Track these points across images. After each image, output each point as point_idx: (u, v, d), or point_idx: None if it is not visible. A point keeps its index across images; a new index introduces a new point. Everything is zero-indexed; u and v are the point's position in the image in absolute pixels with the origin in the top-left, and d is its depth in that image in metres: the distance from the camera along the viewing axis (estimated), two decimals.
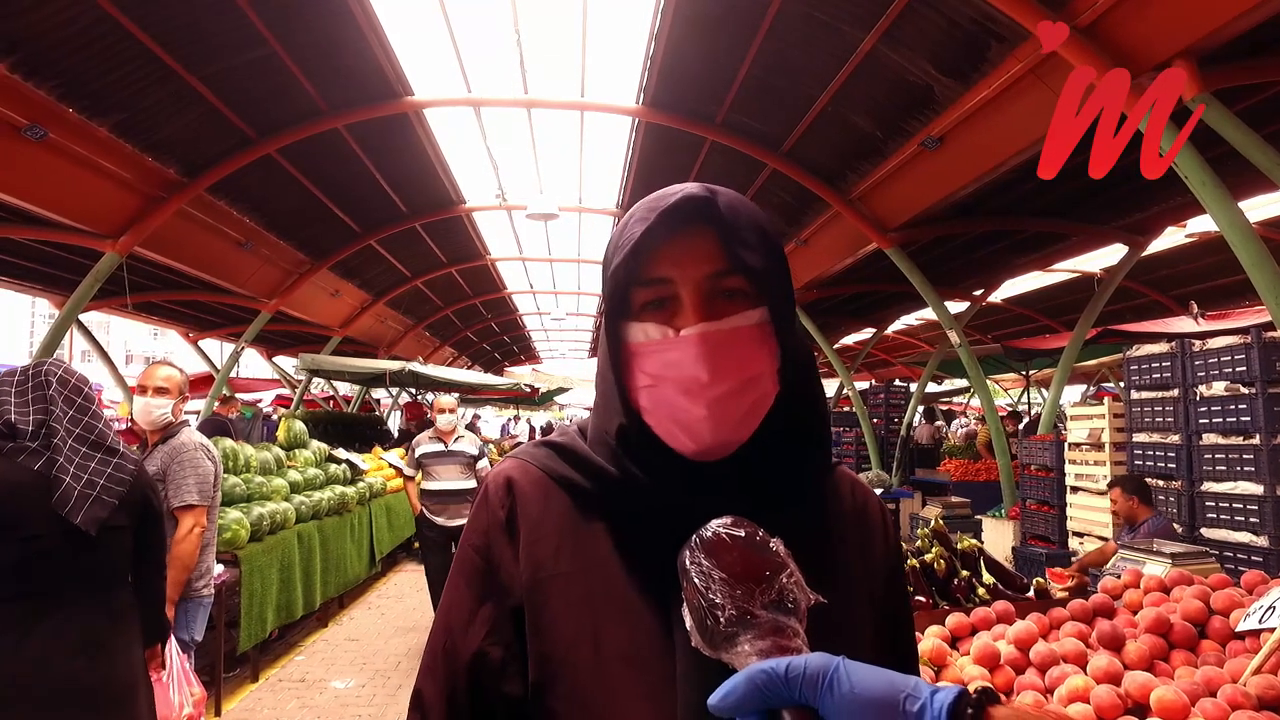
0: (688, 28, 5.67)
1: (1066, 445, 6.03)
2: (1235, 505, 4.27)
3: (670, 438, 0.71)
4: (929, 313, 11.44)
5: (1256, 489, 4.17)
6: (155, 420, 3.13)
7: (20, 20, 4.57)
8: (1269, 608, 1.79)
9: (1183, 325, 7.00)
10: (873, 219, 7.34)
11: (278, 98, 6.40)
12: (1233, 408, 4.34)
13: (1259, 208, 6.87)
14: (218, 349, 17.26)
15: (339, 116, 6.81)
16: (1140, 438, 5.08)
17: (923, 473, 10.11)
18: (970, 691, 0.51)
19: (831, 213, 7.81)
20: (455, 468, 5.28)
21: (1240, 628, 1.84)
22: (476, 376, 14.91)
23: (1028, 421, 10.75)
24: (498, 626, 0.73)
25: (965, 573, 2.39)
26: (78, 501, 2.12)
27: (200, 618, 3.23)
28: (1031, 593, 2.41)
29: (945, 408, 18.07)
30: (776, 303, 0.72)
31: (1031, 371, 11.33)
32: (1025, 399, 13.20)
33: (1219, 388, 4.46)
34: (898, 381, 12.94)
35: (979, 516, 7.57)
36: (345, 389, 17.83)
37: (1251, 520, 4.17)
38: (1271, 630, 1.71)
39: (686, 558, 0.61)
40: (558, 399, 21.99)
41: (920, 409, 11.81)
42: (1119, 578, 2.32)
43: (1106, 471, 5.47)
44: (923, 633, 2.02)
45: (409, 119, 7.26)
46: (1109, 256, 8.68)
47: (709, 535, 0.61)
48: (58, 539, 2.09)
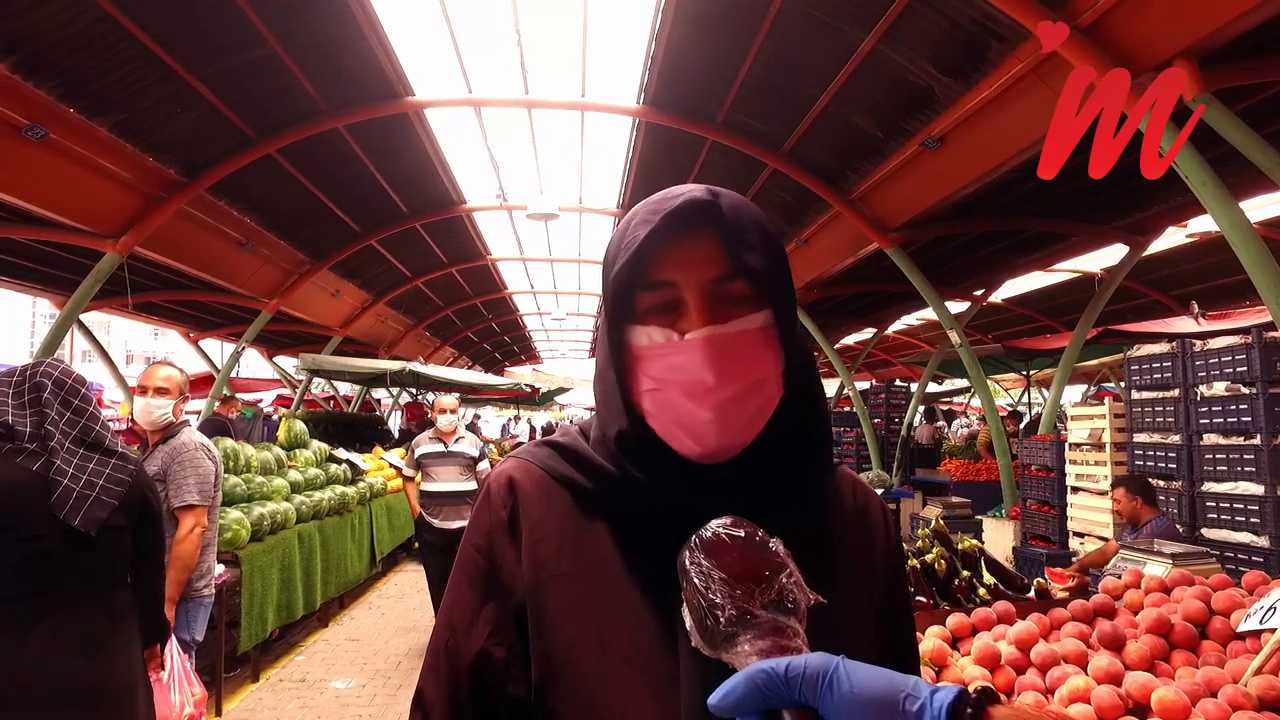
0: (688, 27, 5.67)
1: (1067, 445, 6.03)
2: (1236, 505, 4.27)
3: (674, 440, 0.71)
4: (929, 313, 11.45)
5: (1257, 489, 4.17)
6: (156, 420, 3.13)
7: (20, 20, 4.57)
8: (1270, 608, 1.79)
9: (1183, 325, 7.00)
10: (873, 219, 7.34)
11: (278, 98, 6.41)
12: (1233, 408, 4.34)
13: (1259, 208, 6.87)
14: (218, 349, 17.26)
15: (339, 116, 6.81)
16: (1141, 438, 5.07)
17: (923, 473, 10.10)
18: (970, 691, 0.51)
19: (832, 213, 7.81)
20: (455, 469, 5.23)
21: (1241, 628, 1.84)
22: (477, 376, 14.91)
23: (1028, 421, 10.75)
24: (500, 626, 0.73)
25: (966, 573, 2.39)
26: (76, 502, 2.12)
27: (201, 618, 3.23)
28: (1032, 593, 2.41)
29: (946, 408, 18.07)
30: (780, 305, 0.72)
31: (1032, 371, 11.32)
32: (1026, 399, 13.18)
33: (1220, 388, 4.45)
34: (898, 381, 12.93)
35: (979, 517, 7.57)
36: (346, 389, 17.85)
37: (1252, 520, 4.17)
38: (1272, 631, 1.71)
39: (686, 558, 0.61)
40: (558, 399, 21.99)
41: (921, 409, 11.81)
42: (1120, 578, 2.32)
43: (1107, 472, 5.47)
44: (924, 633, 2.02)
45: (409, 119, 7.27)
46: (1110, 256, 8.68)
47: (709, 535, 0.61)
48: (57, 539, 2.09)
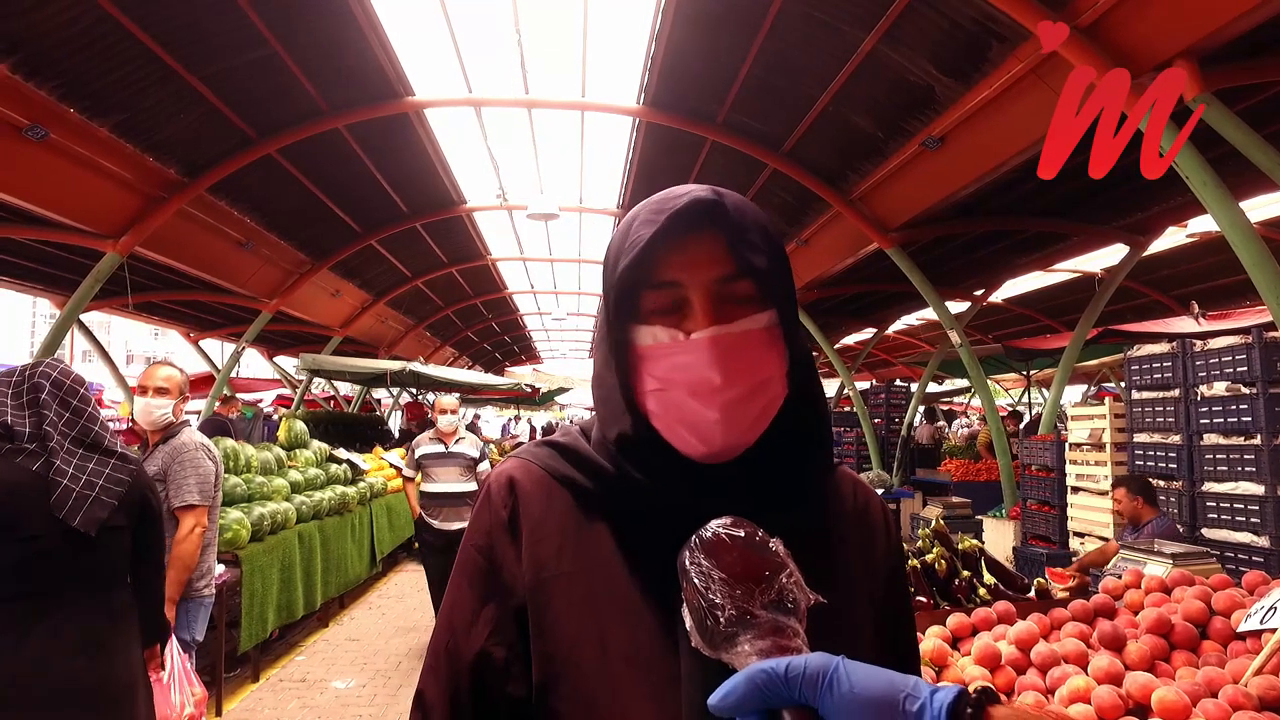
0: (688, 27, 5.67)
1: (1067, 445, 6.02)
2: (1236, 505, 4.27)
3: (679, 441, 0.71)
4: (930, 313, 11.44)
5: (1257, 489, 4.16)
6: (156, 420, 3.13)
7: (21, 20, 4.57)
8: (1270, 608, 1.79)
9: (1184, 325, 7.00)
10: (873, 219, 7.34)
11: (278, 98, 6.41)
12: (1234, 408, 4.33)
13: (1260, 208, 6.86)
14: (218, 349, 17.26)
15: (340, 116, 6.81)
16: (1141, 438, 5.07)
17: (923, 473, 10.10)
18: (970, 691, 0.51)
19: (832, 213, 7.81)
20: (455, 470, 5.21)
21: (1241, 628, 1.84)
22: (477, 376, 14.91)
23: (1028, 421, 10.75)
24: (501, 627, 0.73)
25: (966, 573, 2.39)
26: (76, 503, 2.12)
27: (201, 618, 3.23)
28: (1032, 593, 2.41)
29: (946, 408, 18.06)
30: (783, 305, 0.72)
31: (1032, 371, 11.32)
32: (1026, 399, 13.18)
33: (1220, 388, 4.45)
34: (898, 381, 12.93)
35: (980, 517, 7.57)
36: (346, 389, 17.85)
37: (1252, 520, 4.17)
38: (1273, 631, 1.71)
39: (686, 558, 0.61)
40: (558, 399, 22.01)
41: (921, 409, 11.81)
42: (1120, 578, 2.32)
43: (1107, 472, 5.46)
44: (924, 633, 2.02)
45: (410, 119, 7.27)
46: (1110, 256, 8.67)
47: (709, 536, 0.61)
48: (57, 539, 2.09)
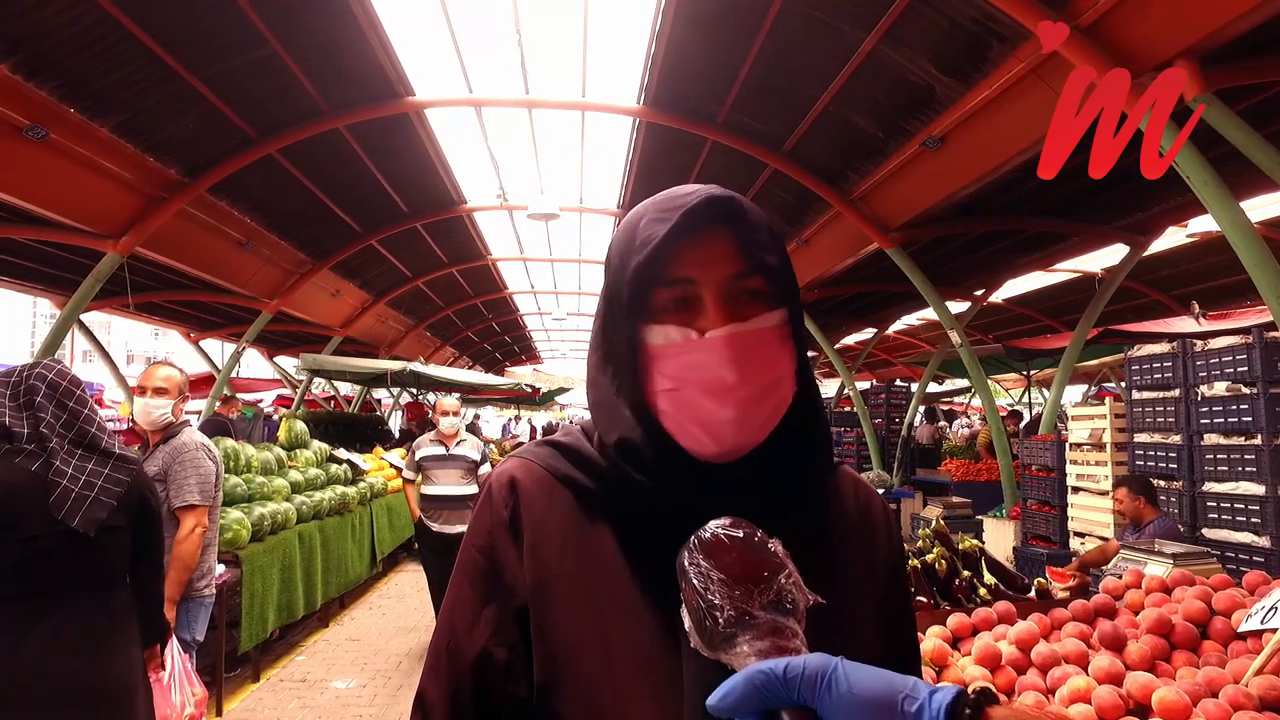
0: (689, 27, 5.67)
1: (1068, 445, 6.02)
2: (1237, 506, 4.27)
3: (690, 440, 0.70)
4: (930, 313, 11.44)
5: (1258, 489, 4.16)
6: (155, 420, 3.13)
7: (22, 21, 4.58)
8: (1271, 608, 1.79)
9: (1184, 325, 7.00)
10: (874, 219, 7.34)
11: (279, 98, 6.41)
12: (1234, 408, 4.33)
13: (1260, 208, 6.86)
14: (219, 349, 17.27)
15: (340, 117, 6.81)
16: (1141, 438, 5.07)
17: (924, 473, 10.10)
18: (969, 692, 0.51)
19: (833, 213, 7.81)
20: (455, 472, 5.15)
21: (1242, 628, 1.83)
22: (477, 376, 14.92)
23: (1028, 421, 10.75)
24: (502, 627, 0.73)
25: (966, 573, 2.39)
26: (75, 504, 2.12)
27: (202, 618, 3.23)
28: (1033, 593, 2.40)
29: (946, 408, 18.06)
30: (792, 305, 0.72)
31: (1033, 371, 11.32)
32: (1026, 399, 13.17)
33: (1220, 388, 4.45)
34: (899, 381, 12.93)
35: (980, 517, 7.57)
36: (346, 389, 17.86)
37: (1253, 521, 4.17)
38: (1273, 631, 1.71)
39: (685, 558, 0.61)
40: (559, 399, 22.03)
41: (921, 409, 11.81)
42: (1120, 578, 2.32)
43: (1108, 472, 5.46)
44: (924, 633, 2.02)
45: (410, 119, 7.27)
46: (1110, 256, 8.67)
47: (707, 536, 0.61)
48: (57, 539, 2.09)
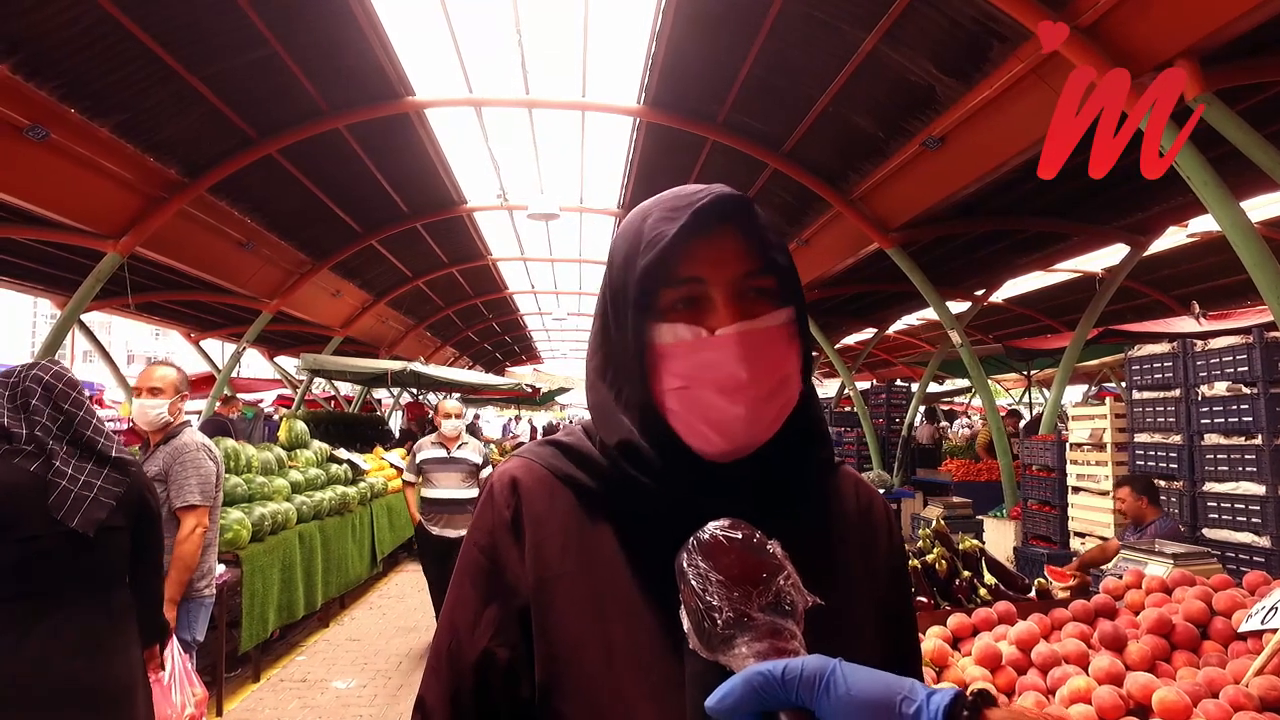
0: (689, 27, 5.67)
1: (1068, 445, 6.02)
2: (1237, 506, 4.27)
3: (699, 439, 0.70)
4: (930, 313, 11.44)
5: (1258, 489, 4.16)
6: (152, 420, 3.13)
7: (22, 21, 4.58)
8: (1271, 608, 1.78)
9: (1184, 325, 7.00)
10: (874, 219, 7.33)
11: (279, 98, 6.41)
12: (1234, 408, 4.33)
13: (1260, 207, 6.85)
14: (219, 349, 17.28)
15: (340, 117, 6.81)
16: (1142, 438, 5.07)
17: (924, 473, 10.10)
18: (967, 694, 0.51)
19: (833, 213, 7.80)
20: (457, 476, 5.12)
21: (1242, 628, 1.83)
22: (478, 376, 14.92)
23: (1028, 421, 10.75)
24: (503, 627, 0.72)
25: (967, 573, 2.39)
26: (74, 504, 2.12)
27: (202, 618, 3.23)
28: (1033, 593, 2.40)
29: (947, 408, 18.06)
30: (799, 303, 0.73)
31: (1033, 371, 11.32)
32: (1027, 399, 13.18)
33: (1221, 388, 4.45)
34: (899, 381, 12.93)
35: (980, 517, 7.57)
36: (346, 389, 17.86)
37: (1253, 521, 4.16)
38: (1274, 631, 1.71)
39: (684, 560, 0.61)
40: (559, 399, 22.02)
41: (922, 409, 11.80)
42: (1121, 578, 2.32)
43: (1108, 472, 5.46)
44: (924, 633, 2.02)
45: (410, 119, 7.27)
46: (1110, 256, 8.66)
47: (706, 538, 0.60)
48: (56, 539, 2.09)
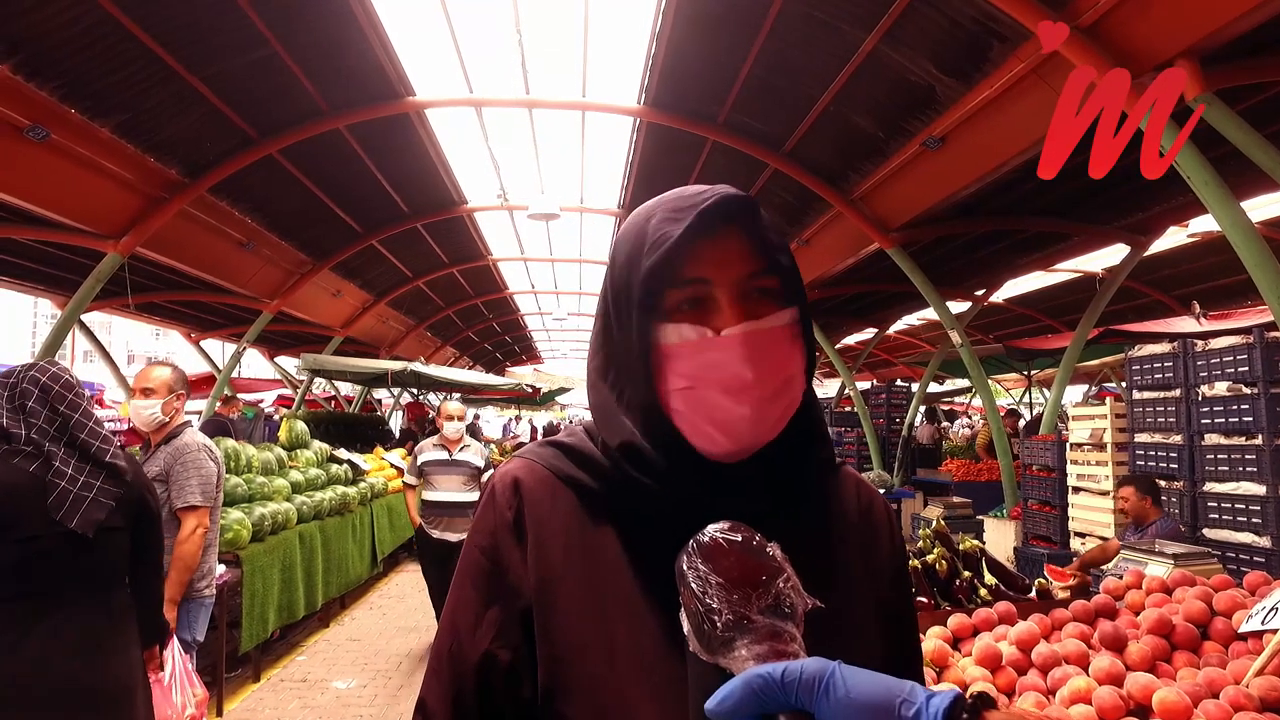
0: (689, 28, 5.67)
1: (1068, 445, 6.02)
2: (1237, 506, 4.27)
3: (703, 439, 0.70)
4: (930, 313, 11.43)
5: (1259, 489, 4.16)
6: (146, 420, 3.13)
7: (22, 21, 4.58)
8: (1271, 609, 1.78)
9: (1185, 325, 6.99)
10: (874, 219, 7.33)
11: (279, 98, 6.41)
12: (1235, 408, 4.33)
13: (1261, 207, 6.85)
14: (219, 349, 17.29)
15: (340, 117, 6.81)
16: (1142, 438, 5.07)
17: (924, 473, 10.10)
18: (966, 696, 0.51)
19: (833, 213, 7.80)
20: (458, 479, 5.07)
21: (1243, 629, 1.83)
22: (478, 377, 14.93)
23: (1029, 421, 10.74)
24: (505, 629, 0.72)
25: (967, 573, 2.39)
26: (73, 504, 2.11)
27: (202, 618, 3.23)
28: (1033, 593, 2.40)
29: (947, 408, 18.05)
30: (802, 304, 0.73)
31: (1033, 371, 11.32)
32: (1027, 399, 13.17)
33: (1221, 388, 4.45)
34: (899, 382, 12.94)
35: (981, 517, 7.57)
36: (347, 389, 17.86)
37: (1254, 521, 4.16)
38: (1274, 631, 1.70)
39: (684, 562, 0.60)
40: (559, 399, 22.02)
41: (922, 409, 11.81)
42: (1121, 578, 2.32)
43: (1108, 472, 5.46)
44: (925, 633, 2.02)
45: (410, 119, 7.27)
46: (1111, 256, 8.66)
47: (705, 540, 0.60)
48: (56, 539, 2.09)
